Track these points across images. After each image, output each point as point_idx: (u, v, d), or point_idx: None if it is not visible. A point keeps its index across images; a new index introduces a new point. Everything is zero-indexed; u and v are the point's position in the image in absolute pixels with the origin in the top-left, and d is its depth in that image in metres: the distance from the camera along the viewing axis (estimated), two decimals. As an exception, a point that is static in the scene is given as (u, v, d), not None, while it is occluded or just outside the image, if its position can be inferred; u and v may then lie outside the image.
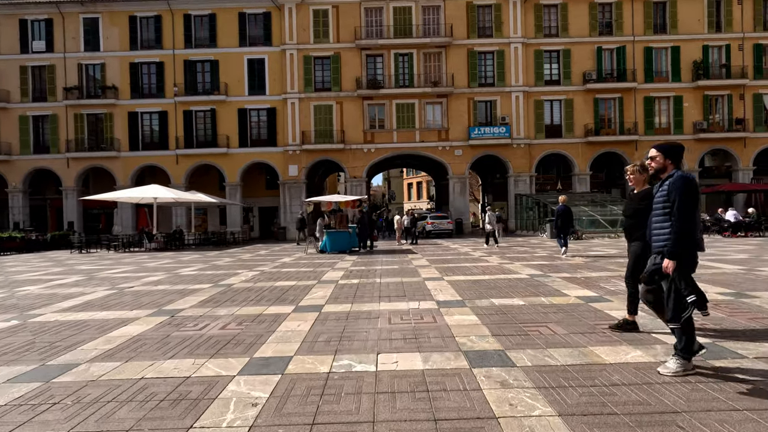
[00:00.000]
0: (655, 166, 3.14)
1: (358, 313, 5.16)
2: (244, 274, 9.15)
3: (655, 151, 3.13)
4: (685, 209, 2.94)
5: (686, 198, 2.94)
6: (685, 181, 2.98)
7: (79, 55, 26.89)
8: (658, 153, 3.11)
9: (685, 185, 2.96)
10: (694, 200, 2.98)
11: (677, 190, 2.96)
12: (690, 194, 2.96)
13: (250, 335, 4.36)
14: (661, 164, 3.11)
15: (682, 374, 3.00)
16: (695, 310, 2.97)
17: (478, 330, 4.32)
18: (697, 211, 3.02)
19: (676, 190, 2.96)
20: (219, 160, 26.91)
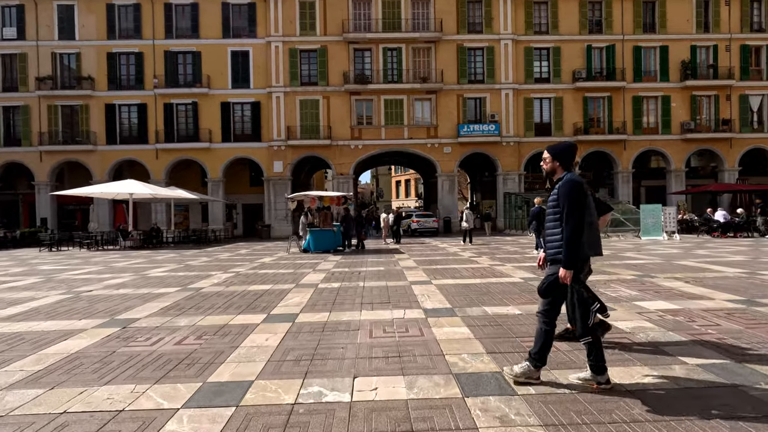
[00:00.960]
0: (546, 168, 3.01)
1: (336, 324, 4.61)
2: (217, 276, 8.51)
3: (546, 153, 2.98)
4: (575, 214, 2.78)
5: (574, 202, 2.79)
6: (571, 184, 2.82)
7: (53, 44, 25.67)
8: (548, 155, 2.97)
9: (572, 189, 2.80)
10: (583, 204, 2.83)
11: (564, 195, 2.82)
12: (577, 198, 2.80)
13: (209, 352, 3.77)
14: (551, 166, 2.97)
15: (523, 381, 2.91)
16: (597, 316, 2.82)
17: (471, 346, 3.80)
18: (586, 215, 2.86)
19: (564, 195, 2.82)
20: (201, 155, 26.01)
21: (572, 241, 2.78)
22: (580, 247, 2.80)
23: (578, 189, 2.82)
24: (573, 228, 2.78)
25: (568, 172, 2.93)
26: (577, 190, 2.82)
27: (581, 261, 2.88)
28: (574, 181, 2.85)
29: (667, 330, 4.09)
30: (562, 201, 2.83)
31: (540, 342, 2.91)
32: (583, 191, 2.84)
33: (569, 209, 2.79)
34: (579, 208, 2.80)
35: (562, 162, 2.96)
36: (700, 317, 4.53)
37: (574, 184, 2.83)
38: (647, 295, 5.74)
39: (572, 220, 2.78)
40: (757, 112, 27.11)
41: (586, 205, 2.86)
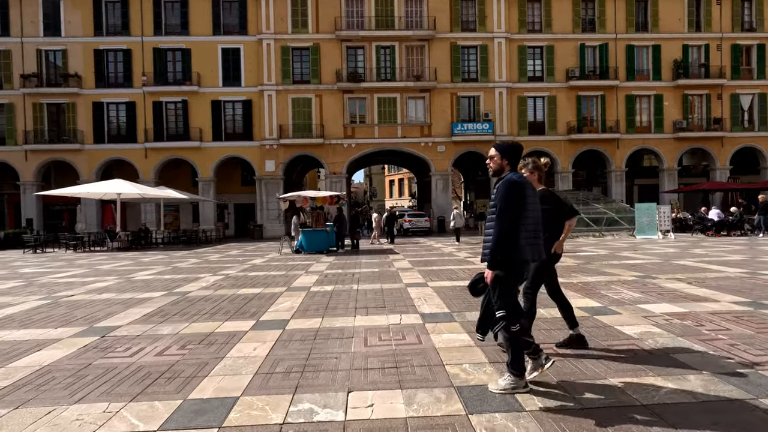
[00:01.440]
0: (493, 166, 2.95)
1: (329, 331, 4.37)
2: (205, 279, 8.22)
3: (494, 151, 2.93)
4: (506, 215, 2.73)
5: (507, 203, 2.74)
6: (508, 184, 2.78)
7: (39, 40, 25.06)
8: (496, 153, 2.92)
9: (508, 189, 2.76)
10: (518, 204, 2.77)
11: (500, 194, 2.78)
12: (513, 198, 2.75)
13: (192, 364, 3.52)
14: (499, 164, 2.91)
15: (511, 392, 2.80)
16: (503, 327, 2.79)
17: (472, 355, 3.59)
18: (523, 216, 2.79)
19: (500, 194, 2.78)
20: (191, 154, 25.56)
21: (499, 241, 2.73)
22: (508, 248, 2.74)
23: (515, 189, 2.77)
24: (501, 228, 2.73)
25: (513, 172, 2.88)
26: (514, 191, 2.76)
27: (518, 264, 2.81)
28: (512, 180, 2.80)
29: (676, 335, 3.91)
30: (498, 200, 2.78)
31: (513, 348, 2.84)
32: (520, 192, 2.78)
33: (502, 208, 2.75)
34: (512, 208, 2.74)
35: (510, 161, 2.91)
36: (708, 321, 4.36)
37: (511, 184, 2.78)
38: (651, 297, 5.57)
39: (502, 219, 2.73)
40: (747, 111, 27.28)
41: (522, 206, 2.79)
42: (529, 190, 2.85)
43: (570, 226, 3.60)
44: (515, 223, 2.76)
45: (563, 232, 3.56)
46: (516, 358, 2.81)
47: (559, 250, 3.58)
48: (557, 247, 3.55)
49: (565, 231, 3.57)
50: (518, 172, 2.91)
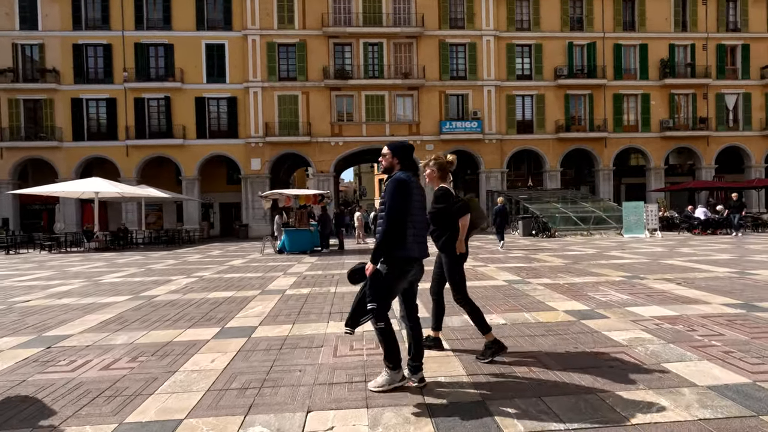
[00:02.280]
0: (384, 164, 2.99)
1: (298, 340, 4.04)
2: (177, 281, 7.81)
3: (386, 149, 2.98)
4: (393, 212, 2.77)
5: (394, 201, 2.78)
6: (395, 183, 2.82)
7: (14, 34, 24.21)
8: (388, 151, 2.96)
9: (395, 187, 2.80)
10: (406, 202, 2.81)
11: (388, 193, 2.83)
12: (400, 196, 2.79)
13: (139, 379, 3.17)
14: (390, 163, 2.96)
15: (388, 387, 2.84)
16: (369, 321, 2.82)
17: (449, 366, 3.29)
18: (412, 213, 2.85)
19: (388, 193, 2.83)
20: (174, 152, 24.94)
21: (386, 237, 2.76)
22: (396, 244, 2.78)
23: (403, 187, 2.81)
24: (387, 225, 2.76)
25: (402, 171, 2.92)
26: (401, 189, 2.80)
27: (402, 261, 2.85)
28: (401, 179, 2.84)
29: (667, 342, 3.66)
30: (386, 198, 2.82)
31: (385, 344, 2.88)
32: (407, 190, 2.82)
33: (389, 206, 2.78)
34: (400, 205, 2.79)
35: (401, 159, 2.96)
36: (699, 325, 4.13)
37: (399, 182, 2.82)
38: (639, 299, 5.34)
39: (389, 216, 2.76)
40: (732, 110, 27.53)
41: (410, 204, 2.84)
42: (416, 188, 2.89)
43: (463, 224, 3.51)
44: (403, 220, 2.80)
45: (459, 231, 3.51)
46: (389, 351, 2.86)
47: (460, 250, 3.53)
48: (459, 247, 3.52)
49: (461, 230, 3.51)
50: (407, 172, 2.93)
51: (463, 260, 3.59)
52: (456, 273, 3.53)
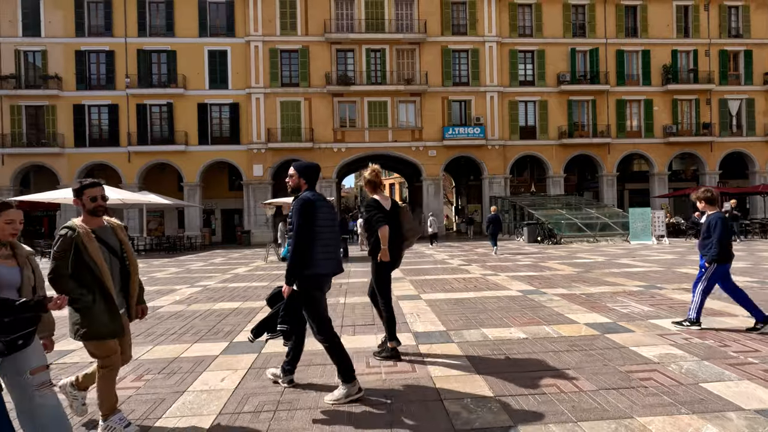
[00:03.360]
0: (291, 184, 3.06)
1: (311, 356, 3.86)
2: (181, 291, 7.63)
3: (293, 170, 3.05)
4: (300, 232, 2.84)
5: (301, 220, 2.85)
6: (302, 202, 2.89)
7: (17, 40, 24.22)
8: (294, 172, 3.04)
9: (301, 207, 2.87)
10: (311, 221, 2.88)
11: (295, 212, 2.87)
12: (305, 217, 2.86)
13: (146, 400, 2.98)
14: (297, 183, 3.03)
15: (345, 401, 2.85)
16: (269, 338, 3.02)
17: (474, 385, 3.11)
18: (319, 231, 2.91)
19: (294, 212, 2.87)
20: (176, 158, 24.83)
21: (295, 258, 2.83)
22: (301, 263, 2.85)
23: (308, 207, 2.87)
24: (297, 244, 2.83)
25: (309, 191, 2.99)
26: (307, 208, 2.86)
27: (314, 279, 2.94)
28: (306, 198, 2.91)
29: (700, 359, 3.48)
30: (293, 218, 2.87)
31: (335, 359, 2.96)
32: (312, 209, 2.88)
33: (296, 226, 2.84)
34: (306, 225, 2.85)
35: (308, 179, 3.02)
36: (731, 340, 3.95)
37: (305, 202, 2.88)
38: (662, 311, 5.16)
39: (296, 236, 2.83)
40: (736, 116, 27.45)
41: (315, 222, 2.90)
42: (322, 206, 2.94)
43: (382, 235, 3.66)
44: (311, 238, 2.86)
45: (381, 241, 3.65)
46: (340, 365, 2.92)
47: (383, 258, 3.67)
48: (382, 256, 3.66)
49: (381, 240, 3.65)
50: (314, 191, 3.01)
51: (390, 268, 3.76)
52: (379, 278, 3.75)
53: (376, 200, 3.76)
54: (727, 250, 4.37)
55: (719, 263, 4.35)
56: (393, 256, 3.72)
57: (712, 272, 4.37)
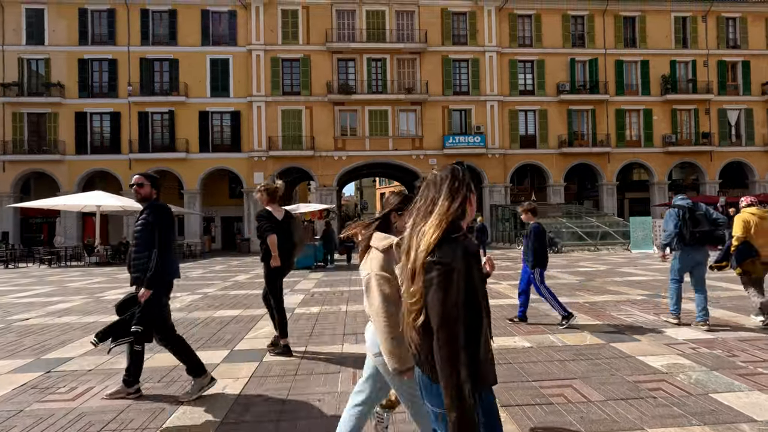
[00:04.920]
0: (142, 193, 3.11)
1: (313, 365, 3.80)
2: (181, 298, 7.58)
3: (143, 179, 3.11)
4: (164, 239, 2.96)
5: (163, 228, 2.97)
6: (161, 210, 3.00)
7: (20, 48, 24.39)
8: (146, 181, 3.10)
9: (163, 214, 2.98)
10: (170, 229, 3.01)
11: (153, 218, 2.97)
12: (166, 223, 2.98)
13: (146, 410, 2.92)
14: (149, 192, 3.12)
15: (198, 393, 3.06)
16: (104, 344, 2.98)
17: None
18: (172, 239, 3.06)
19: (152, 218, 2.97)
20: (177, 165, 24.86)
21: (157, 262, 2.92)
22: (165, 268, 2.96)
23: (168, 213, 3.00)
24: (160, 250, 2.93)
25: (156, 199, 3.13)
26: (168, 215, 3.00)
27: (168, 284, 3.10)
28: (165, 205, 3.08)
29: (710, 369, 3.43)
30: (151, 224, 2.95)
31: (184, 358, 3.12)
32: (171, 216, 2.99)
33: (159, 232, 2.94)
34: (169, 231, 2.99)
35: (158, 189, 3.14)
36: (739, 350, 3.90)
37: (164, 209, 3.04)
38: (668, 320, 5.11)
39: (160, 242, 2.91)
40: (735, 126, 27.57)
41: (172, 229, 3.04)
42: (171, 214, 3.09)
43: (271, 242, 3.94)
44: (167, 244, 2.98)
45: (271, 248, 3.94)
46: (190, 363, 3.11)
47: (274, 264, 3.97)
48: (273, 262, 3.96)
49: (271, 247, 3.95)
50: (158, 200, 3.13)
51: (281, 273, 4.07)
52: (271, 282, 4.06)
53: (268, 211, 4.04)
54: (543, 257, 4.93)
55: (540, 267, 4.95)
56: (283, 262, 4.01)
57: (539, 275, 4.97)
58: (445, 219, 1.27)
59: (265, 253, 4.00)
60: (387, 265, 1.75)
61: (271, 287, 4.08)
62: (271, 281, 4.07)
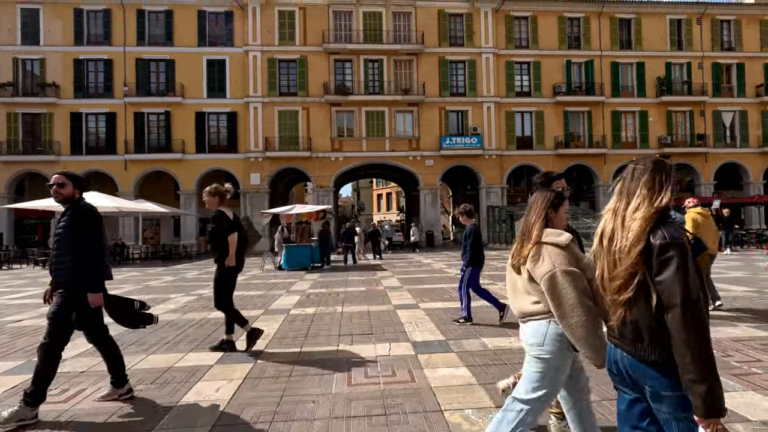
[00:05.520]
0: (64, 194, 2.95)
1: (308, 366, 3.79)
2: (176, 299, 7.54)
3: (64, 178, 2.95)
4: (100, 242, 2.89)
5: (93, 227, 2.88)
6: (89, 211, 2.91)
7: (15, 48, 24.25)
8: (68, 180, 2.95)
9: (92, 216, 2.90)
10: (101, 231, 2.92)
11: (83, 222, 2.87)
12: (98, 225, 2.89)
13: (138, 412, 2.90)
14: (71, 192, 2.96)
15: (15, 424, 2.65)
16: None
17: (474, 396, 3.05)
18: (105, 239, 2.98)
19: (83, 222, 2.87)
20: (173, 166, 24.78)
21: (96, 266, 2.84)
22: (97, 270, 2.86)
23: (97, 215, 2.91)
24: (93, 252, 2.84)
25: (81, 198, 2.99)
26: (97, 216, 2.91)
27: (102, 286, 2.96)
28: (93, 207, 2.93)
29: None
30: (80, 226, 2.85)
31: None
32: (100, 218, 2.91)
33: (94, 236, 2.85)
34: (101, 233, 2.90)
35: (81, 189, 3.01)
36: (734, 350, 3.91)
37: (93, 210, 2.91)
38: (661, 320, 5.12)
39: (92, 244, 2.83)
40: (729, 127, 27.76)
41: (102, 230, 2.94)
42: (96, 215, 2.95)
43: (231, 241, 4.02)
44: (101, 246, 2.90)
45: (229, 247, 4.01)
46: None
47: (230, 263, 4.04)
48: (228, 261, 4.02)
49: (230, 245, 4.01)
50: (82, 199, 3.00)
51: (235, 273, 4.14)
52: (226, 282, 4.11)
53: (222, 211, 4.10)
54: (478, 256, 5.08)
55: (474, 267, 5.10)
56: (238, 261, 4.10)
57: (469, 275, 5.11)
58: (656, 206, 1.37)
59: (221, 254, 4.05)
60: (574, 261, 1.75)
61: (223, 286, 4.12)
62: (225, 281, 4.12)
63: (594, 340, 1.66)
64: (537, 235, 1.84)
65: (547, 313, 1.78)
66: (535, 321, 1.83)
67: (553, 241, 1.79)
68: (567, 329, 1.70)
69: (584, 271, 1.75)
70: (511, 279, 1.97)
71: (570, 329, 1.69)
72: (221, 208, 4.14)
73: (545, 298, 1.75)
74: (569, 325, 1.68)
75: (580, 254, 1.81)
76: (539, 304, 1.81)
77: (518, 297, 1.91)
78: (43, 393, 2.79)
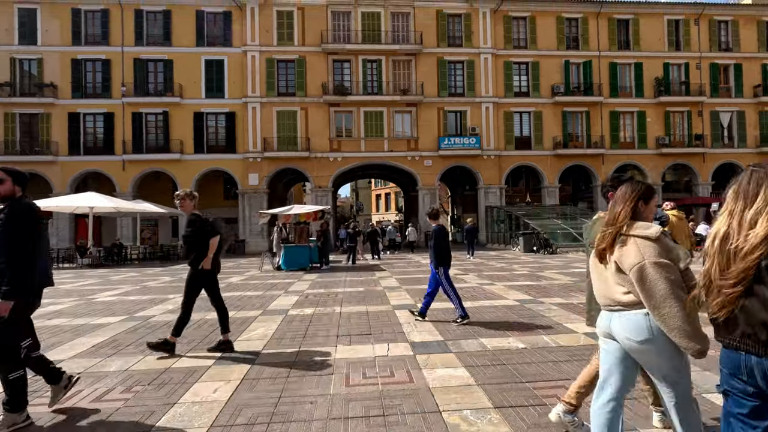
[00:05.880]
0: (1, 190, 2.74)
1: (306, 367, 3.77)
2: (174, 300, 7.51)
3: (4, 175, 2.75)
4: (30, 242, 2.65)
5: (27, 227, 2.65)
6: (26, 209, 2.69)
7: (12, 48, 24.17)
8: (7, 176, 2.75)
9: (27, 214, 2.68)
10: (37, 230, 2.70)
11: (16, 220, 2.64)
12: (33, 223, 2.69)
13: (135, 413, 2.88)
14: (10, 189, 2.75)
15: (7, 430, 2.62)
16: None
17: (473, 396, 3.04)
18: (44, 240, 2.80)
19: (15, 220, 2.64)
20: (171, 166, 24.72)
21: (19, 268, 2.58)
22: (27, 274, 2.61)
23: (34, 213, 2.71)
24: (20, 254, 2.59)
25: (24, 196, 2.80)
26: (34, 215, 2.71)
27: (35, 293, 2.75)
28: (31, 204, 2.74)
29: (702, 369, 3.43)
30: (11, 225, 2.62)
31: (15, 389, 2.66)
32: (37, 218, 2.72)
33: (22, 234, 2.62)
34: (35, 233, 2.68)
35: (23, 186, 2.82)
36: None
37: (30, 208, 2.71)
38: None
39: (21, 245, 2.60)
40: (727, 128, 27.83)
41: (39, 232, 2.75)
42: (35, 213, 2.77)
43: (213, 244, 4.07)
44: (35, 247, 2.68)
45: (209, 249, 4.05)
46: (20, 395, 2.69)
47: (206, 266, 4.07)
48: (205, 263, 4.06)
49: (210, 248, 4.05)
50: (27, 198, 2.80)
51: (213, 276, 4.18)
52: (201, 285, 4.13)
53: (198, 214, 4.16)
54: (445, 256, 5.20)
55: (444, 266, 5.20)
56: (215, 263, 4.14)
57: (443, 275, 5.22)
58: None
59: (196, 256, 4.07)
60: (666, 253, 1.77)
61: (197, 288, 4.16)
62: (200, 283, 4.14)
63: (688, 329, 1.68)
64: (620, 225, 1.86)
65: (639, 303, 1.79)
66: (631, 314, 1.82)
67: (642, 233, 1.81)
68: (660, 320, 1.72)
69: (675, 262, 1.78)
70: (597, 267, 1.98)
71: (662, 319, 1.71)
72: (195, 211, 4.21)
73: (635, 288, 1.77)
74: (661, 316, 1.71)
75: (670, 245, 1.82)
76: (630, 294, 1.82)
77: (606, 286, 1.92)
78: (21, 399, 2.67)
